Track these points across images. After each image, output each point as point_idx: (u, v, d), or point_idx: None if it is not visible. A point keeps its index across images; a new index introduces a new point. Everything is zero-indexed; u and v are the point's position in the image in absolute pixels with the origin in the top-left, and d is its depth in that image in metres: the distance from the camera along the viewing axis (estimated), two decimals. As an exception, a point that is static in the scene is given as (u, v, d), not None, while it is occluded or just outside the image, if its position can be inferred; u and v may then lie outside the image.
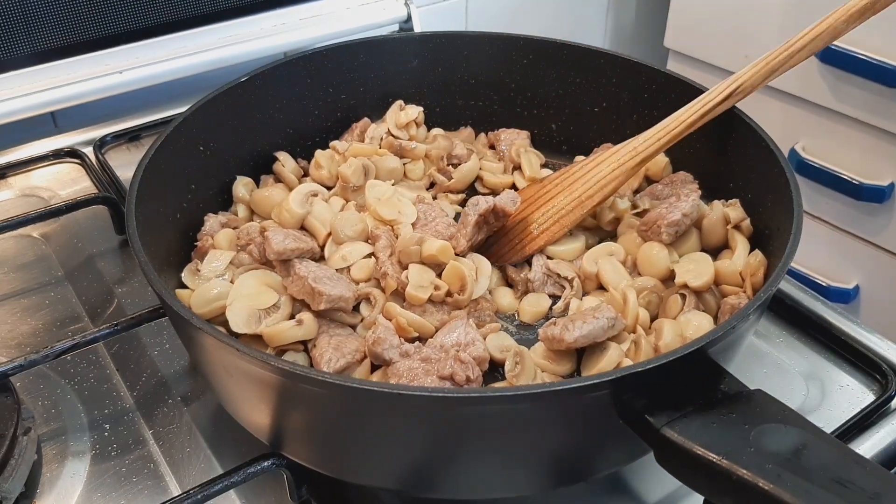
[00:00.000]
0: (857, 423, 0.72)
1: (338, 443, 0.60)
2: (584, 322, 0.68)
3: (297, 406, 0.58)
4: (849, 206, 1.46)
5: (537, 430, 0.56)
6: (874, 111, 1.36)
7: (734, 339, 0.60)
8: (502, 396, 0.52)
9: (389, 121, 0.94)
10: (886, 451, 0.71)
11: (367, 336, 0.69)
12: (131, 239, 0.65)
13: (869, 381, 0.78)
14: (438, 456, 0.58)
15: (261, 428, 0.63)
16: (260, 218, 0.84)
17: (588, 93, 0.95)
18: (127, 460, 0.70)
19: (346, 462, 0.61)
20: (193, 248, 0.79)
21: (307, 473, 0.65)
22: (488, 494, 0.63)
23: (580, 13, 1.72)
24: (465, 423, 0.55)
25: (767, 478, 0.47)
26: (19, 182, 1.04)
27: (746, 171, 0.80)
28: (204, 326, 0.56)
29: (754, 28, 1.47)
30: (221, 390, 0.64)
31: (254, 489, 0.67)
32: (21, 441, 0.66)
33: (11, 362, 0.69)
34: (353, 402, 0.54)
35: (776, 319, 0.85)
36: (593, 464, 0.62)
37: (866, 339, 0.81)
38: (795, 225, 0.66)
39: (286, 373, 0.53)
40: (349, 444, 0.59)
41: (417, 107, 0.95)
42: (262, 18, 1.21)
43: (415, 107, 0.95)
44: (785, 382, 0.78)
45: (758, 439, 0.50)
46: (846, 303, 1.52)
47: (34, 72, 1.07)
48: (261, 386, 0.57)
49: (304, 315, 0.69)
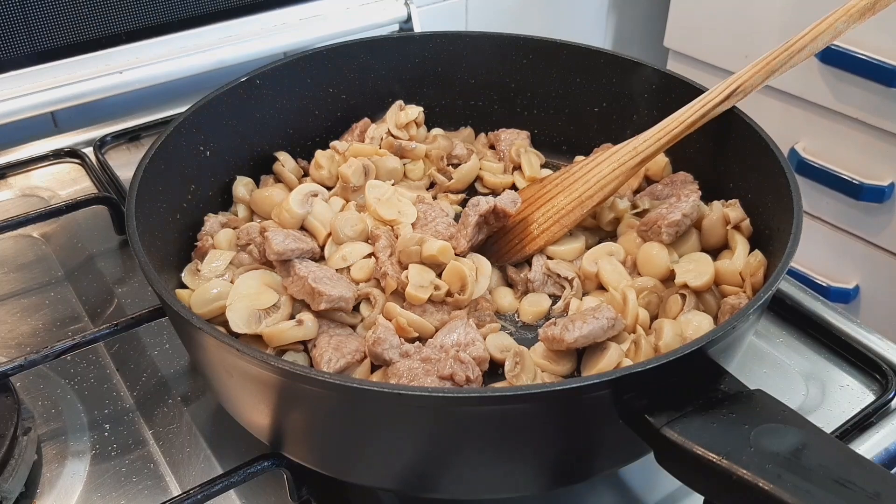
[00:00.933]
0: (857, 423, 0.72)
1: (337, 443, 0.60)
2: (584, 322, 0.68)
3: (297, 406, 0.58)
4: (848, 205, 1.46)
5: (536, 430, 0.56)
6: (874, 111, 1.36)
7: (734, 340, 0.60)
8: (501, 397, 0.51)
9: (389, 121, 0.94)
10: (886, 451, 0.71)
11: (367, 336, 0.69)
12: (131, 239, 0.65)
13: (869, 381, 0.78)
14: (438, 456, 0.58)
15: (261, 428, 0.63)
16: (260, 218, 0.84)
17: (588, 93, 0.95)
18: (127, 460, 0.70)
19: (346, 462, 0.61)
20: (193, 247, 0.79)
21: (307, 474, 0.65)
22: (488, 495, 0.63)
23: (580, 13, 1.72)
24: (464, 423, 0.55)
25: (767, 478, 0.47)
26: (19, 182, 1.04)
27: (746, 171, 0.80)
28: (204, 326, 0.56)
29: (754, 28, 1.47)
30: (221, 390, 0.64)
31: (254, 489, 0.67)
32: (21, 441, 0.66)
33: (11, 362, 0.69)
34: (353, 402, 0.54)
35: (776, 319, 0.85)
36: (593, 464, 0.62)
37: (866, 339, 0.81)
38: (795, 225, 0.66)
39: (286, 373, 0.53)
40: (349, 445, 0.59)
41: (417, 107, 0.95)
42: (262, 18, 1.21)
43: (415, 107, 0.95)
44: (785, 382, 0.78)
45: (758, 439, 0.50)
46: (846, 303, 1.52)
47: (34, 72, 1.07)
48: (261, 386, 0.57)
49: (304, 315, 0.69)
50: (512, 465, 0.58)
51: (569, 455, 0.59)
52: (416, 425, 0.55)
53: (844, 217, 1.49)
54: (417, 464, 0.59)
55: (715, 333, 0.55)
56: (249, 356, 0.54)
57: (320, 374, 0.54)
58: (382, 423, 0.55)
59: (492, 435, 0.55)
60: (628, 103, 0.92)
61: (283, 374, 0.54)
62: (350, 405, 0.55)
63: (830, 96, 1.41)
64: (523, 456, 0.58)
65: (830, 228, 1.52)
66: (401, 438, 0.57)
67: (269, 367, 0.54)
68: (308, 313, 0.70)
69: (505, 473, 0.59)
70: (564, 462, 0.60)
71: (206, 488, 0.62)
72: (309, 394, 0.55)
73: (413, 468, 0.59)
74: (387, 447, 0.58)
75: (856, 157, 1.43)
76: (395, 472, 0.61)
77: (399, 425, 0.56)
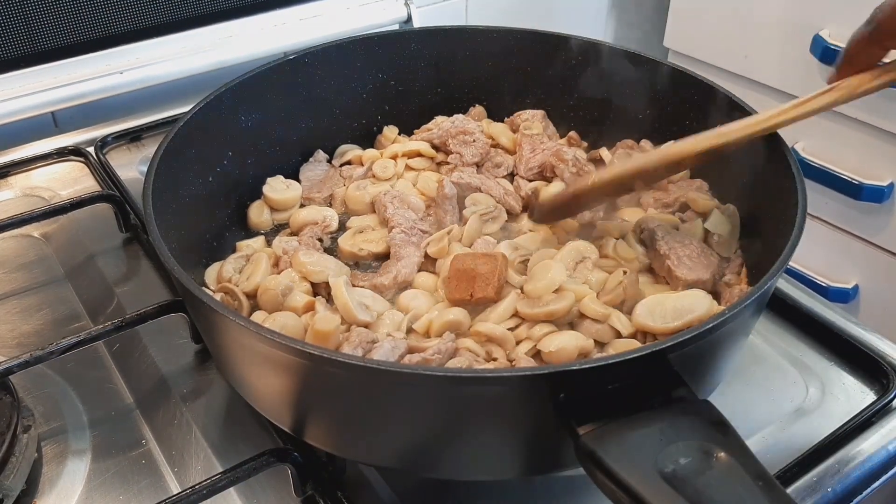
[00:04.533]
0: (857, 423, 0.72)
1: (359, 422, 0.60)
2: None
3: (324, 388, 0.59)
4: (848, 205, 1.46)
5: (490, 415, 0.56)
6: (874, 111, 1.36)
7: (703, 347, 0.57)
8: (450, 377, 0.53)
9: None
10: (886, 451, 0.71)
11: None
12: (149, 226, 0.64)
13: (869, 381, 0.78)
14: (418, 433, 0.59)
15: (282, 413, 0.63)
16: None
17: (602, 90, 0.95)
18: (127, 459, 0.70)
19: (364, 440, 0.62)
20: (202, 245, 0.80)
21: (311, 469, 0.65)
22: (465, 476, 0.64)
23: (580, 13, 1.72)
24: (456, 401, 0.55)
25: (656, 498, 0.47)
26: (20, 182, 1.04)
27: (751, 166, 0.79)
28: (230, 314, 0.56)
29: (754, 28, 1.47)
30: (244, 379, 0.64)
31: (254, 489, 0.67)
32: (21, 439, 0.67)
33: (17, 359, 0.69)
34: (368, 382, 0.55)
35: (776, 319, 0.85)
36: (560, 458, 0.60)
37: (866, 339, 0.81)
38: (797, 227, 0.65)
39: (322, 359, 0.53)
40: (368, 423, 0.60)
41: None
42: (262, 18, 1.21)
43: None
44: (785, 382, 0.78)
45: (665, 458, 0.49)
46: (846, 303, 1.53)
47: (35, 72, 1.07)
48: (291, 371, 0.58)
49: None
50: (478, 447, 0.59)
51: (529, 445, 0.59)
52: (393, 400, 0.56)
53: (844, 217, 1.49)
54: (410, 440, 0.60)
55: (675, 339, 0.54)
56: (281, 342, 0.54)
57: (348, 357, 0.54)
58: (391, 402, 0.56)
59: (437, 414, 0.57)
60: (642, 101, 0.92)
61: (319, 360, 0.54)
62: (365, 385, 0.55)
63: (830, 96, 1.41)
64: (484, 439, 0.58)
65: (830, 228, 1.52)
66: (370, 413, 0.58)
67: (302, 354, 0.54)
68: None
69: (475, 455, 0.60)
70: (526, 451, 0.59)
71: (211, 484, 0.62)
72: (326, 374, 0.55)
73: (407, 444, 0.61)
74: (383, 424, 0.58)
75: (856, 157, 1.43)
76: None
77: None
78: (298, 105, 0.93)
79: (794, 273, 1.56)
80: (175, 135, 0.76)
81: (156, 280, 0.88)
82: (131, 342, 0.80)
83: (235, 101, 0.85)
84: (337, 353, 0.54)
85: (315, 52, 0.92)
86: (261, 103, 0.88)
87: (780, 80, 1.49)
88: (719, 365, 0.64)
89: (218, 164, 0.84)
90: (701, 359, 0.60)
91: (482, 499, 0.68)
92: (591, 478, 0.51)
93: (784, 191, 0.71)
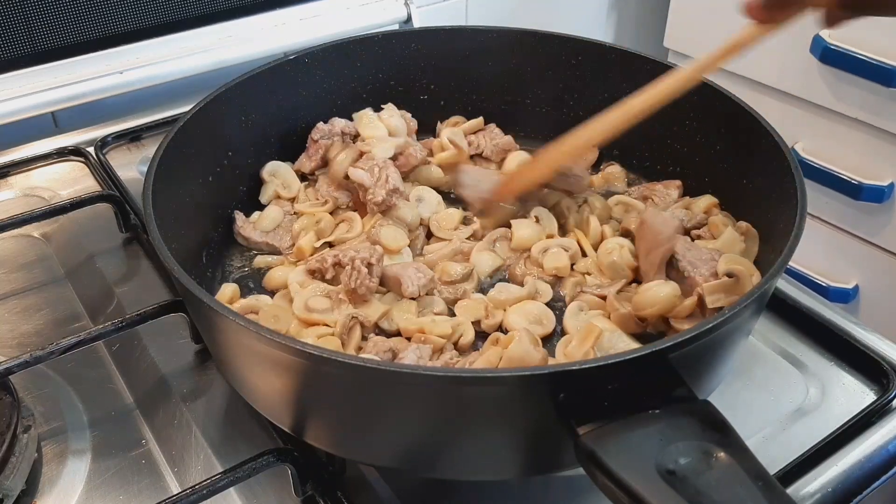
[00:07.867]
0: (857, 423, 0.72)
1: (356, 421, 0.60)
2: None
3: (324, 388, 0.59)
4: (848, 205, 1.46)
5: (490, 414, 0.56)
6: (874, 111, 1.36)
7: (703, 347, 0.57)
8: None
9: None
10: (886, 451, 0.71)
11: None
12: (149, 226, 0.64)
13: (869, 381, 0.78)
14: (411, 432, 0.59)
15: (283, 413, 0.63)
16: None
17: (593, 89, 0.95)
18: (127, 459, 0.70)
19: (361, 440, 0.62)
20: (202, 245, 0.80)
21: (311, 469, 0.65)
22: (464, 476, 0.64)
23: (580, 13, 1.72)
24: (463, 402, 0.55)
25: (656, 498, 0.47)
26: (20, 182, 1.04)
27: (750, 165, 0.79)
28: (229, 314, 0.56)
29: (754, 28, 1.47)
30: (245, 379, 0.64)
31: (254, 489, 0.67)
32: (21, 439, 0.67)
33: (17, 359, 0.69)
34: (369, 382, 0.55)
35: (776, 319, 0.85)
36: (560, 458, 0.60)
37: (866, 339, 0.81)
38: (797, 227, 0.65)
39: (323, 360, 0.53)
40: (367, 422, 0.60)
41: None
42: (262, 18, 1.21)
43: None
44: (785, 382, 0.78)
45: (665, 457, 0.49)
46: (846, 303, 1.53)
47: (35, 72, 1.07)
48: (291, 372, 0.58)
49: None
50: (478, 447, 0.59)
51: (529, 445, 0.59)
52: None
53: (844, 217, 1.49)
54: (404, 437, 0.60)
55: (675, 339, 0.54)
56: (281, 343, 0.54)
57: (347, 357, 0.54)
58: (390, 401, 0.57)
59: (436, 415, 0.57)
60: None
61: (319, 361, 0.54)
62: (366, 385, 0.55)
63: (830, 96, 1.41)
64: (484, 439, 0.58)
65: (830, 228, 1.52)
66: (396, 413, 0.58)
67: (303, 355, 0.54)
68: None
69: (475, 455, 0.60)
70: (526, 451, 0.59)
71: (211, 484, 0.62)
72: (326, 374, 0.55)
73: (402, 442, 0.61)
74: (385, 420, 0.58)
75: (856, 157, 1.43)
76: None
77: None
78: (298, 105, 0.93)
79: (794, 273, 1.56)
80: (175, 135, 0.76)
81: (156, 280, 0.88)
82: (131, 342, 0.80)
83: (235, 101, 0.85)
84: (336, 353, 0.54)
85: (315, 52, 0.92)
86: (261, 103, 0.88)
87: (780, 80, 1.49)
88: (719, 365, 0.64)
89: (218, 164, 0.84)
90: (701, 359, 0.60)
91: (482, 499, 0.68)
92: (590, 478, 0.51)
93: (784, 191, 0.71)
